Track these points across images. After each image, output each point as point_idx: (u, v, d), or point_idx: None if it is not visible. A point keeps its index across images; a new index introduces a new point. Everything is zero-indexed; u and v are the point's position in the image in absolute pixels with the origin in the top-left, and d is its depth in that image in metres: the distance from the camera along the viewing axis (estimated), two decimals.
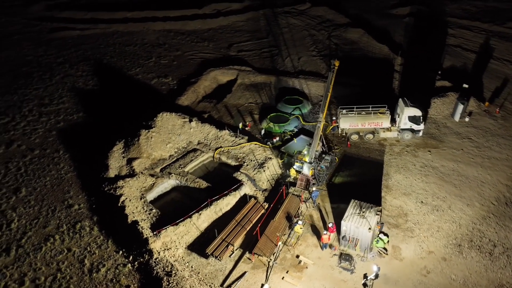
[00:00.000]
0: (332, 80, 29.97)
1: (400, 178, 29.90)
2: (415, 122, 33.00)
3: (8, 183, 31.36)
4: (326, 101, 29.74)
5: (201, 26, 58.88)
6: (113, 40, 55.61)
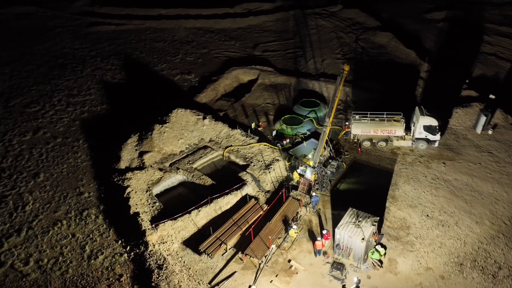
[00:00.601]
0: (340, 85, 29.41)
1: (408, 189, 28.88)
2: (430, 132, 31.72)
3: (29, 168, 33.32)
4: (333, 106, 29.25)
5: (231, 25, 59.43)
6: (145, 36, 57.31)
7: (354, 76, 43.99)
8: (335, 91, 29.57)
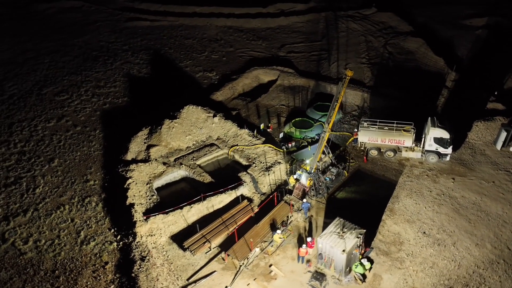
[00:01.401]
0: (342, 91, 28.53)
1: (409, 203, 27.54)
2: (441, 145, 30.03)
3: (47, 153, 35.34)
4: (333, 112, 28.45)
5: (261, 24, 59.47)
6: (176, 32, 58.73)
7: (375, 82, 42.63)
8: (335, 97, 28.76)
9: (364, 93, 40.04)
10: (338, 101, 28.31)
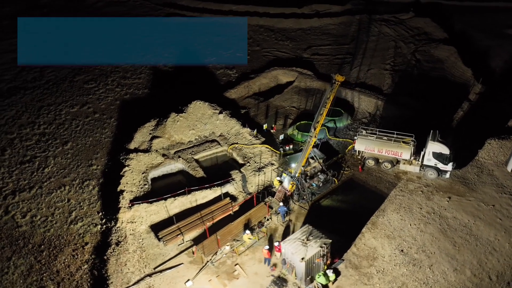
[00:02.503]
0: (331, 97, 27.73)
1: (394, 218, 26.29)
2: (441, 161, 28.28)
3: (64, 136, 37.86)
4: (321, 117, 27.73)
5: (293, 25, 59.06)
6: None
7: (393, 90, 40.93)
8: (323, 102, 28.05)
9: (378, 100, 38.60)
10: (326, 107, 27.61)
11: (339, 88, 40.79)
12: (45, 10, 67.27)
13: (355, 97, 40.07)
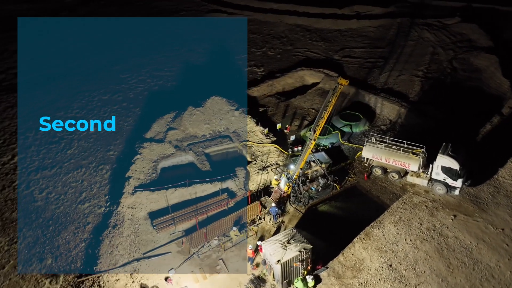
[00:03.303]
0: (332, 101, 26.98)
1: (390, 231, 25.25)
2: (450, 176, 26.64)
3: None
4: (321, 121, 27.10)
5: (330, 26, 58.05)
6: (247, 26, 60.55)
7: (420, 98, 39.04)
8: (324, 105, 27.39)
9: (401, 108, 37.02)
10: (328, 110, 26.97)
11: (363, 92, 40.11)
12: (102, 2, 71.58)
13: (378, 102, 38.73)
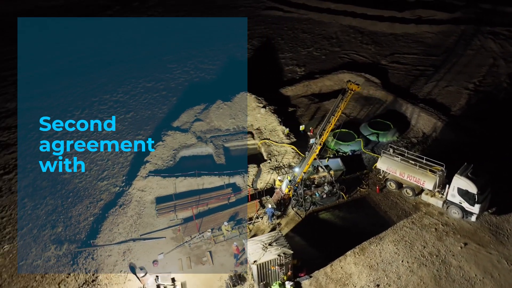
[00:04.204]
0: (341, 106, 25.65)
1: (388, 250, 23.71)
2: (466, 200, 24.23)
3: (130, 106, 42.39)
4: (328, 126, 25.95)
5: (386, 29, 55.33)
6: (299, 25, 59.91)
7: (463, 112, 36.01)
8: (332, 109, 26.18)
9: (439, 121, 34.31)
10: (336, 115, 25.79)
11: (401, 101, 37.80)
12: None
13: (414, 113, 36.26)
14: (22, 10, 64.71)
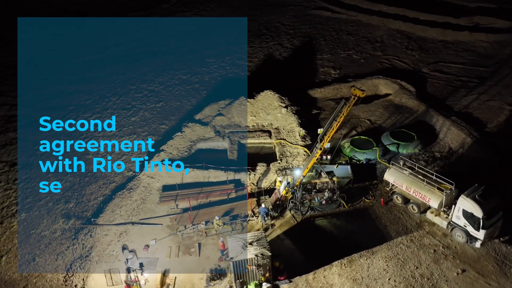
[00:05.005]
0: (344, 112, 24.50)
1: (378, 265, 22.52)
2: (471, 224, 22.27)
3: (162, 96, 43.80)
4: (329, 131, 24.99)
5: (436, 35, 52.07)
6: (345, 27, 58.25)
7: (500, 129, 33.19)
8: (335, 114, 25.14)
9: (468, 137, 31.80)
10: (338, 121, 24.77)
11: (433, 112, 35.57)
12: None
13: (444, 126, 33.89)
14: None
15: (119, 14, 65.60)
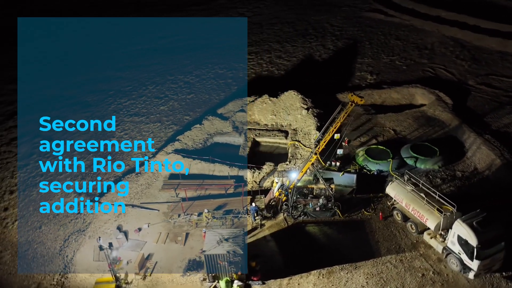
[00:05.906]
0: (341, 118, 23.21)
1: (356, 281, 21.41)
2: (465, 252, 20.22)
3: (195, 89, 45.01)
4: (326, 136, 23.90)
5: (495, 45, 47.81)
6: (396, 31, 55.54)
7: None
8: (330, 120, 23.97)
9: (499, 158, 28.87)
10: (334, 126, 23.61)
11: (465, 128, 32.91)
12: None
13: (474, 144, 31.05)
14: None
15: (181, 7, 69.02)
